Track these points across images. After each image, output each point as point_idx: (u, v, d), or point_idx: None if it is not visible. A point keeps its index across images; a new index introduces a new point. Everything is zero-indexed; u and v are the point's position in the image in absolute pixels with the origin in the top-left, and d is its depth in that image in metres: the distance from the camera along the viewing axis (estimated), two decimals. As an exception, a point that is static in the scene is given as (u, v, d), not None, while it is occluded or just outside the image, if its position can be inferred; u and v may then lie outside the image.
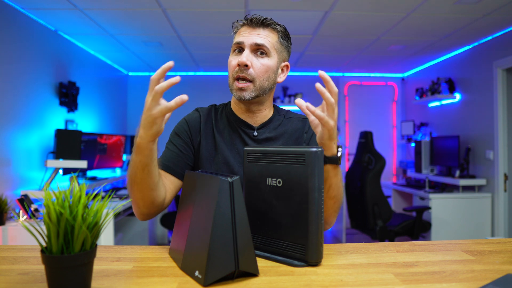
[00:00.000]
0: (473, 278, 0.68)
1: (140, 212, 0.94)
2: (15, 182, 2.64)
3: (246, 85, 1.01)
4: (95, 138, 3.42)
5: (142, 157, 0.83)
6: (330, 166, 0.87)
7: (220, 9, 2.79)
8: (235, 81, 1.02)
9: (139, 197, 0.90)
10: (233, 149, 1.08)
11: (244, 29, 1.04)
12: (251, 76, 1.01)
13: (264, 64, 1.02)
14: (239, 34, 1.04)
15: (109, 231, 2.74)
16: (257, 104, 1.08)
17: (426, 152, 4.23)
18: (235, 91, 1.02)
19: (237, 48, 1.03)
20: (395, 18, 2.96)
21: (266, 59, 1.03)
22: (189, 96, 0.74)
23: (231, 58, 1.04)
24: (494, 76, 3.39)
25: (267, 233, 0.81)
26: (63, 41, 3.35)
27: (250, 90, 1.01)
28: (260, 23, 1.03)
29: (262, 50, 1.02)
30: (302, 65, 4.64)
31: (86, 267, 0.59)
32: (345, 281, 0.67)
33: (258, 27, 1.03)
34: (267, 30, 1.03)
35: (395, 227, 3.31)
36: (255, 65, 1.01)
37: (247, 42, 1.01)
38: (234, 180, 0.67)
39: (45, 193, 0.58)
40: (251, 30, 1.02)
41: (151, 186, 0.88)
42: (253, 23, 1.03)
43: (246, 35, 1.02)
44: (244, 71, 1.00)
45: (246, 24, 1.04)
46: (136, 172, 0.85)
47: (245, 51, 1.00)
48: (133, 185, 0.88)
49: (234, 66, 1.02)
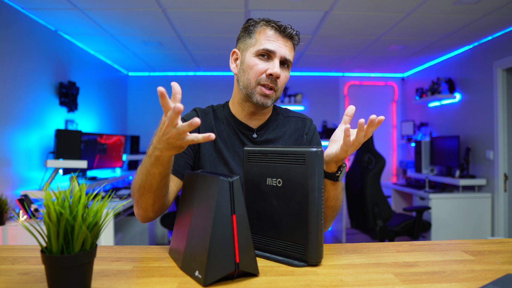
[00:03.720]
0: (473, 278, 0.68)
1: (145, 216, 0.93)
2: (15, 182, 2.64)
3: (272, 92, 1.02)
4: (95, 138, 3.42)
5: (163, 169, 0.81)
6: (329, 180, 0.90)
7: (220, 9, 2.79)
8: (260, 87, 1.01)
9: (149, 204, 0.89)
10: (233, 151, 1.07)
11: (273, 35, 1.01)
12: (277, 87, 1.02)
13: (286, 77, 1.05)
14: (267, 39, 1.01)
15: (109, 231, 2.74)
16: (264, 108, 1.07)
17: (426, 152, 4.23)
18: (259, 97, 1.01)
19: (264, 53, 1.01)
20: (395, 18, 2.96)
21: (287, 72, 1.05)
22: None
23: (257, 61, 1.01)
24: (494, 76, 3.39)
25: (267, 233, 0.81)
26: (63, 41, 3.35)
27: (272, 99, 1.03)
28: (290, 35, 1.02)
29: (287, 64, 1.04)
30: (302, 65, 4.64)
31: (86, 267, 0.59)
32: (345, 281, 0.67)
33: (287, 39, 1.02)
34: (290, 42, 1.04)
35: (395, 227, 3.31)
36: (281, 77, 1.02)
37: (279, 52, 1.00)
38: (234, 180, 0.67)
39: (45, 193, 0.58)
40: (281, 40, 1.01)
41: (164, 193, 0.88)
42: (285, 34, 1.01)
43: (277, 45, 1.00)
44: (275, 82, 1.01)
45: (278, 31, 1.01)
46: (151, 182, 0.84)
47: (276, 62, 1.00)
48: (145, 193, 0.87)
49: (261, 72, 1.00)
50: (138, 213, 0.94)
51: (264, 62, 1.01)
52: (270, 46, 1.00)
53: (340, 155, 0.84)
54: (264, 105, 1.02)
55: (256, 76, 1.01)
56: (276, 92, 1.03)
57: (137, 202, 0.90)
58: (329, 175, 0.89)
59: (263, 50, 1.00)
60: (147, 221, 0.95)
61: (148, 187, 0.85)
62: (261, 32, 1.02)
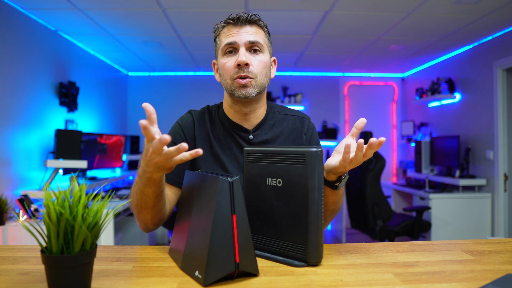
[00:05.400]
0: (473, 278, 0.68)
1: (146, 228, 0.94)
2: (15, 182, 2.64)
3: (248, 80, 0.98)
4: (95, 138, 3.42)
5: (156, 188, 0.82)
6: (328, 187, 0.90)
7: (220, 9, 2.79)
8: (235, 80, 0.98)
9: (148, 219, 0.90)
10: (230, 154, 1.05)
11: (230, 29, 1.00)
12: (252, 74, 0.98)
13: (261, 61, 1.00)
14: (226, 35, 1.00)
15: (109, 231, 2.74)
16: (254, 103, 1.04)
17: (426, 152, 4.23)
18: (238, 90, 0.98)
19: (229, 49, 0.99)
20: (395, 18, 2.96)
21: (262, 56, 1.01)
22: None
23: (225, 60, 1.00)
24: (494, 76, 3.39)
25: (267, 233, 0.81)
26: (63, 41, 3.35)
27: (253, 87, 0.99)
28: (248, 20, 1.00)
29: (256, 47, 1.00)
30: (302, 65, 4.64)
31: (86, 267, 0.59)
32: (345, 281, 0.67)
33: (245, 25, 1.00)
34: (254, 26, 1.01)
35: (395, 227, 3.31)
36: (253, 62, 0.99)
37: (240, 41, 0.98)
38: (234, 180, 0.67)
39: (45, 193, 0.58)
40: (239, 29, 0.99)
41: (161, 207, 0.89)
42: (240, 22, 1.00)
43: (236, 34, 0.99)
44: (246, 70, 0.97)
45: (232, 23, 1.00)
46: (147, 201, 0.84)
47: (241, 50, 0.98)
48: (142, 211, 0.87)
49: (231, 68, 0.98)
50: (139, 225, 0.95)
51: (232, 57, 0.99)
52: (229, 39, 0.99)
53: (338, 169, 0.82)
54: (247, 97, 0.98)
55: (229, 72, 0.99)
56: (254, 80, 0.98)
57: (137, 217, 0.91)
58: (328, 183, 0.88)
59: (225, 46, 0.99)
60: (148, 232, 0.96)
61: (145, 205, 0.85)
62: (222, 32, 1.02)
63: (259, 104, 1.07)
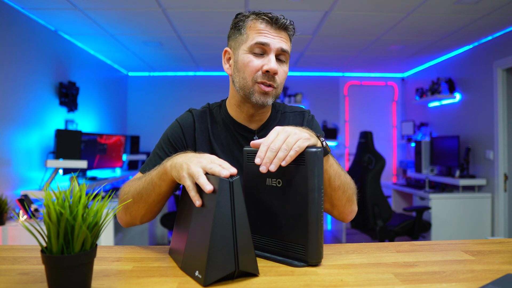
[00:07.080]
0: (473, 278, 0.68)
1: (131, 223, 0.92)
2: (15, 182, 2.64)
3: (271, 89, 0.94)
4: (95, 138, 3.42)
5: (166, 186, 0.82)
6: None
7: (220, 9, 2.79)
8: (258, 85, 0.93)
9: (140, 214, 0.89)
10: (231, 156, 1.01)
11: (265, 28, 0.93)
12: (276, 84, 0.94)
13: (285, 71, 0.96)
14: (259, 32, 0.92)
15: (109, 231, 2.74)
16: (263, 108, 1.01)
17: (426, 152, 4.23)
18: (258, 95, 0.93)
19: (258, 48, 0.93)
20: (395, 18, 2.96)
21: (285, 66, 0.97)
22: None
23: (251, 58, 0.93)
24: (494, 76, 3.39)
25: (267, 233, 0.81)
26: (63, 41, 3.35)
27: (273, 96, 0.95)
28: (285, 27, 0.94)
29: (284, 57, 0.95)
30: (302, 65, 4.64)
31: (86, 267, 0.59)
32: (345, 281, 0.67)
33: (281, 30, 0.94)
34: (285, 33, 0.95)
35: (395, 227, 3.31)
36: (280, 72, 0.94)
37: (273, 45, 0.92)
38: (234, 180, 0.67)
39: (45, 193, 0.58)
40: (274, 32, 0.93)
41: (156, 210, 0.89)
42: (279, 26, 0.93)
43: (270, 36, 0.92)
44: (271, 79, 0.93)
45: (269, 22, 0.93)
46: (150, 193, 0.84)
47: (272, 56, 0.92)
48: (140, 201, 0.86)
49: (256, 69, 0.92)
50: (123, 219, 0.92)
51: (259, 58, 0.93)
52: (263, 39, 0.92)
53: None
54: (264, 105, 0.94)
55: (252, 74, 0.93)
56: (276, 89, 0.95)
57: (127, 208, 0.88)
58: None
59: (256, 44, 0.92)
60: (127, 227, 0.94)
61: (146, 197, 0.84)
62: (252, 26, 0.94)
63: (267, 108, 1.05)
